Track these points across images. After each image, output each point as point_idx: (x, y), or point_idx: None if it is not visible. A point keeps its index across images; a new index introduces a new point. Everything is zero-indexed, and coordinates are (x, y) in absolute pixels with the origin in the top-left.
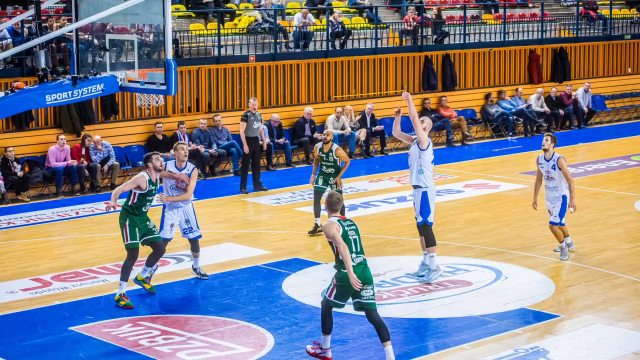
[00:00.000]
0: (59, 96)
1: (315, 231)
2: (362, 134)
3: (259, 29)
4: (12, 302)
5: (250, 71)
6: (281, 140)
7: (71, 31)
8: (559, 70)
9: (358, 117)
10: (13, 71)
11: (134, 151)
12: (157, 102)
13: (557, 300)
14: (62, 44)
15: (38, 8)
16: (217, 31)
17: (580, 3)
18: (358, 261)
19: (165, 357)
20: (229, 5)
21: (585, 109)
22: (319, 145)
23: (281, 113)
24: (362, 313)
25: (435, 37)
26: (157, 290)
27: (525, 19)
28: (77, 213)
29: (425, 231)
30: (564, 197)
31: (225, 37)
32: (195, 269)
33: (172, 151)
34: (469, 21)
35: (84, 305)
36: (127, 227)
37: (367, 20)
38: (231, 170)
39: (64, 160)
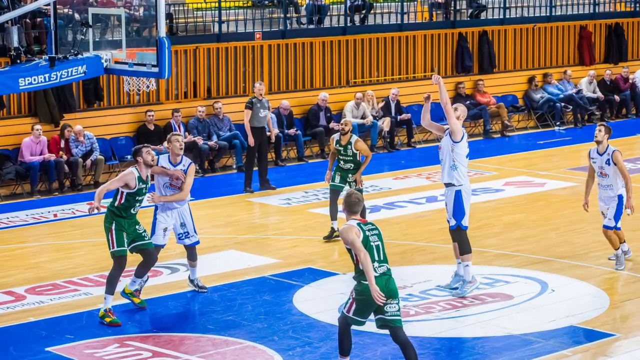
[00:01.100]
0: (35, 80)
1: (331, 236)
2: (385, 124)
3: (266, 2)
4: None
5: (256, 51)
6: (292, 131)
7: (48, 4)
8: (614, 49)
9: (381, 104)
10: None
11: (122, 143)
12: (147, 86)
13: (611, 317)
14: (38, 20)
15: None
16: (217, 4)
17: None
18: (381, 271)
19: None
20: None
21: None
22: (335, 136)
23: (292, 99)
24: (386, 331)
25: (470, 11)
26: (148, 305)
27: None
28: (55, 215)
29: (459, 236)
30: (620, 197)
31: (227, 11)
32: (192, 281)
33: (165, 143)
34: None
35: (63, 323)
36: (114, 232)
37: None
38: (234, 166)
39: (40, 154)
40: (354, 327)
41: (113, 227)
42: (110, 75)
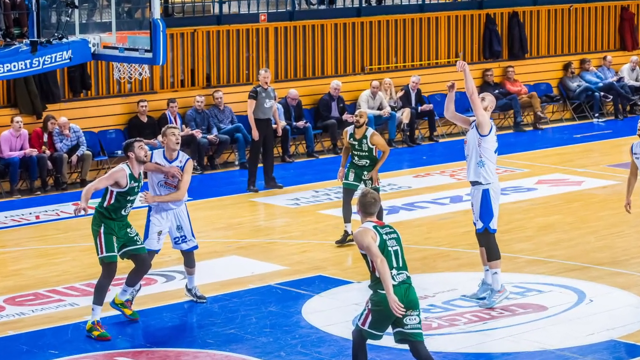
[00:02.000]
0: (14, 66)
1: (344, 241)
2: (405, 115)
3: None
4: None
5: (261, 34)
6: (301, 124)
7: None
8: None
9: (400, 94)
10: None
11: (111, 137)
12: (140, 74)
13: None
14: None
15: None
16: None
17: None
18: (400, 279)
19: None
20: None
21: None
22: (349, 129)
23: (300, 88)
24: (406, 346)
25: None
26: (141, 317)
27: None
28: (37, 217)
29: (487, 241)
30: None
31: None
32: (189, 290)
33: (160, 137)
34: None
35: (47, 336)
36: (102, 236)
37: None
38: (236, 162)
39: (21, 149)
40: (369, 341)
41: (102, 231)
42: (98, 61)
